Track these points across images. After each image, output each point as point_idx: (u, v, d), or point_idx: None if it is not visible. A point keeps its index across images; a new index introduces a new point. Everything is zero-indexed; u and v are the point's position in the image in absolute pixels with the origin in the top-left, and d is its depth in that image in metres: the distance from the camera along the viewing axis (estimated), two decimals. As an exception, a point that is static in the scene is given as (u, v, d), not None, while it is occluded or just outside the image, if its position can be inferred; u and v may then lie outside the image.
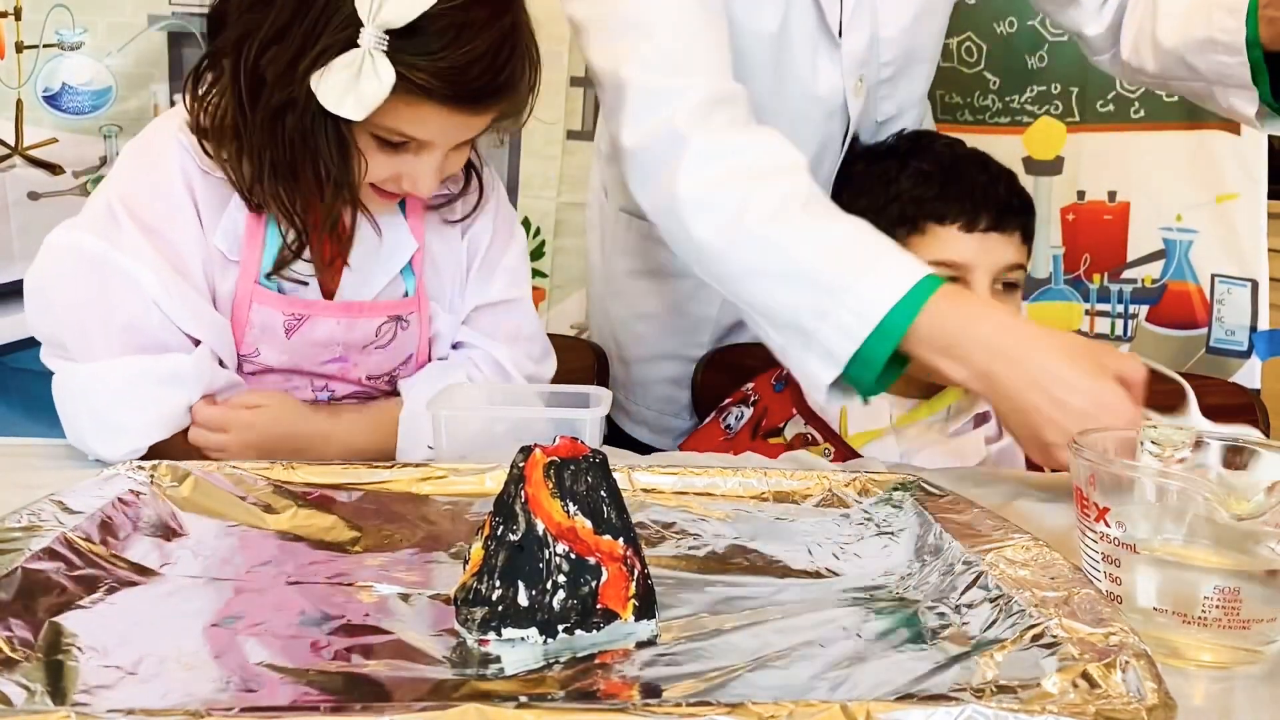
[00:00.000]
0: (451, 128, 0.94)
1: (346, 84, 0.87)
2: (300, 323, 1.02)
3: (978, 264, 1.12)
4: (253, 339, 1.01)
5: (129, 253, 0.95)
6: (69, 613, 0.59)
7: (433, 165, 0.96)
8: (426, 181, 0.97)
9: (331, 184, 0.94)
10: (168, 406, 0.96)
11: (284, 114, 0.91)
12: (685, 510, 0.80)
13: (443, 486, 0.82)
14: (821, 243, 0.94)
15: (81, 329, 0.96)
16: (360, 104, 0.87)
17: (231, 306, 1.00)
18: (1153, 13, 1.15)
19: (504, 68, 0.92)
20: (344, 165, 0.93)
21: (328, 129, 0.91)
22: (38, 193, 1.74)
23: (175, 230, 0.97)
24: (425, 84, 0.89)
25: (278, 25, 0.89)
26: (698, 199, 0.98)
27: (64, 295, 0.97)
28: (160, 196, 0.97)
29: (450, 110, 0.92)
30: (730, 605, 0.64)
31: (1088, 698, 0.47)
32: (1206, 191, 1.79)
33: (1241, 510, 0.59)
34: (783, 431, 1.19)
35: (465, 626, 0.60)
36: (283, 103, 0.90)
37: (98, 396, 0.95)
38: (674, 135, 0.99)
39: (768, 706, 0.45)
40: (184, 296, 0.96)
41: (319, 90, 0.88)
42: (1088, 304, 1.86)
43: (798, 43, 1.18)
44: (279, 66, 0.89)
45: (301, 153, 0.93)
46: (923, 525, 0.73)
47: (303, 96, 0.89)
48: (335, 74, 0.87)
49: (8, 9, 1.73)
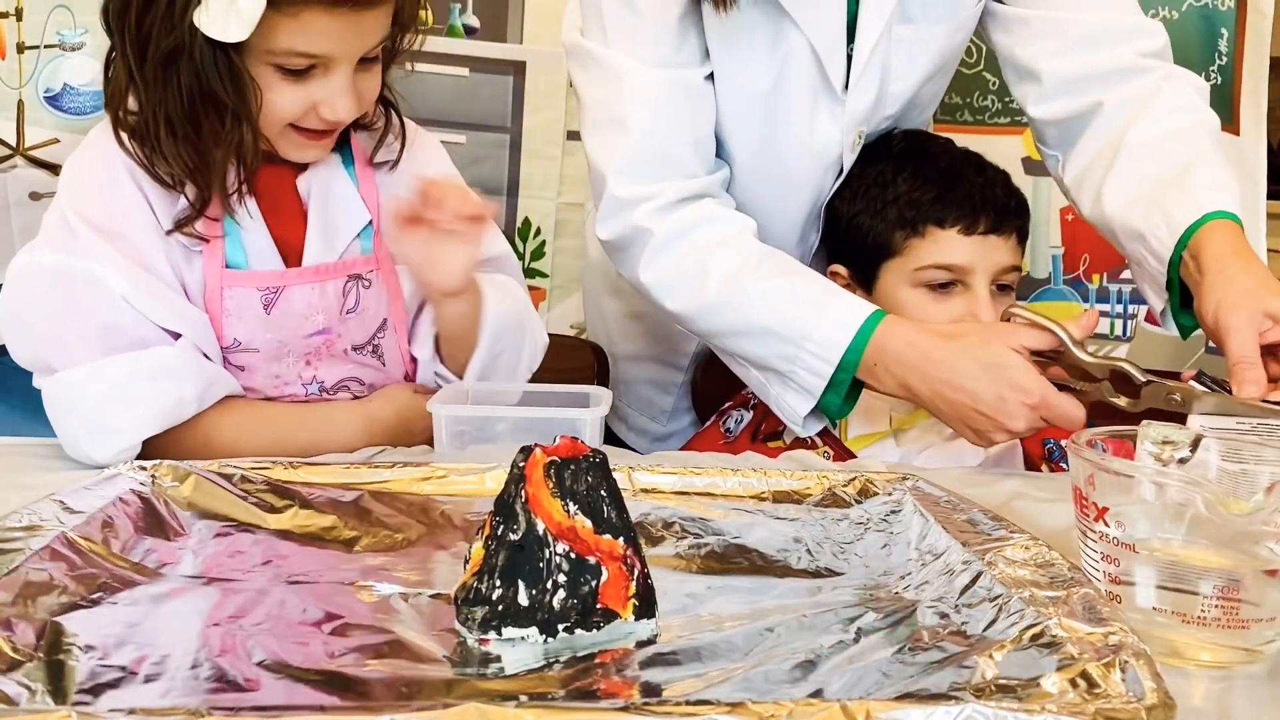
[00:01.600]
0: (344, 32, 0.94)
1: (225, 7, 0.88)
2: (277, 295, 1.02)
3: (976, 266, 1.12)
4: (232, 327, 1.01)
5: (89, 256, 0.95)
6: (69, 613, 0.59)
7: (343, 83, 0.96)
8: (344, 102, 0.97)
9: (230, 116, 0.94)
10: (158, 401, 0.95)
11: (174, 62, 0.92)
12: (685, 510, 0.80)
13: (443, 486, 0.82)
14: (778, 299, 1.06)
15: (60, 341, 0.96)
16: (242, 22, 0.88)
17: (204, 297, 1.01)
18: (1109, 164, 1.11)
19: None
20: (240, 95, 0.93)
21: (218, 64, 0.92)
22: (39, 193, 1.74)
23: (132, 229, 0.98)
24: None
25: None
26: (663, 282, 1.11)
27: (35, 313, 0.97)
28: (111, 199, 0.98)
29: (333, 12, 0.92)
30: (730, 605, 0.64)
31: (1087, 697, 0.47)
32: (1207, 191, 1.78)
33: (1241, 510, 0.59)
34: (782, 435, 1.19)
35: (465, 626, 0.60)
36: (170, 50, 0.91)
37: (85, 400, 0.95)
38: (638, 231, 1.11)
39: (768, 706, 0.45)
40: (154, 291, 0.97)
41: (202, 24, 0.89)
42: (1087, 304, 1.86)
43: (795, 99, 1.16)
44: (157, 17, 0.90)
45: (199, 98, 0.93)
46: (923, 525, 0.73)
47: (186, 36, 0.90)
48: (213, 4, 0.88)
49: (9, 9, 1.73)
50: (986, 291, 1.12)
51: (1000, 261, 1.13)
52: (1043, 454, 1.18)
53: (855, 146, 1.20)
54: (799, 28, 1.11)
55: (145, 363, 0.95)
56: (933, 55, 1.19)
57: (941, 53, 1.20)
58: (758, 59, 1.13)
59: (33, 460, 0.98)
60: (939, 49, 1.19)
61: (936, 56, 1.19)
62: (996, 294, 1.14)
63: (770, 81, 1.14)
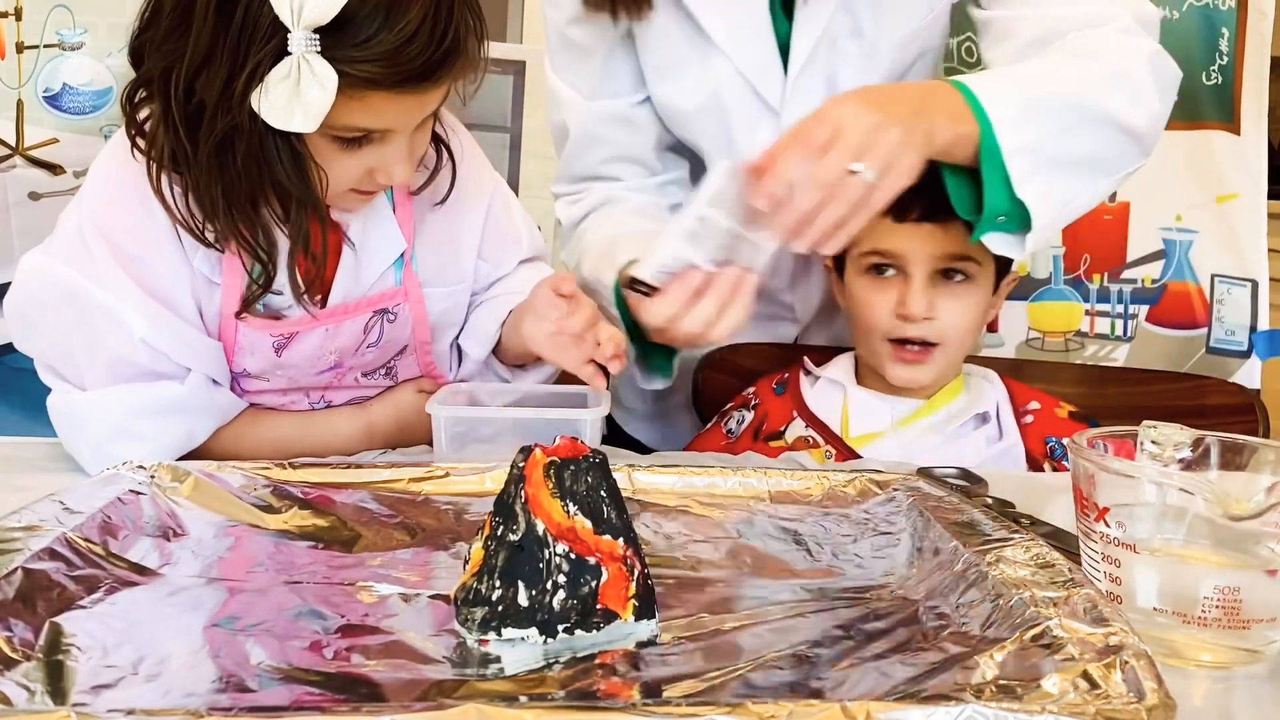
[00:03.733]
0: (408, 109, 0.89)
1: (289, 96, 0.81)
2: (289, 340, 1.00)
3: (910, 254, 1.12)
4: (244, 359, 1.00)
5: (109, 288, 0.92)
6: (69, 613, 0.59)
7: (401, 151, 0.91)
8: (401, 169, 0.92)
9: (295, 203, 0.89)
10: (166, 437, 0.95)
11: (231, 142, 0.85)
12: (685, 510, 0.80)
13: (443, 486, 0.82)
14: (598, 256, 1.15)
15: (70, 358, 0.95)
16: (308, 114, 0.82)
17: (219, 326, 0.98)
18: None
19: (445, 34, 0.86)
20: (304, 182, 0.88)
21: (279, 147, 0.86)
22: (38, 193, 1.74)
23: (156, 256, 0.94)
24: (369, 75, 0.83)
25: (200, 50, 0.83)
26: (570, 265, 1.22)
27: (47, 323, 0.95)
28: (138, 223, 0.93)
29: (401, 94, 0.86)
30: (730, 605, 0.64)
31: (1088, 698, 0.47)
32: (1206, 191, 1.79)
33: (1241, 510, 0.59)
34: (783, 435, 1.19)
35: (465, 626, 0.60)
36: (227, 131, 0.85)
37: (94, 428, 0.94)
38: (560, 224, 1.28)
39: (768, 706, 0.45)
40: (172, 327, 0.94)
41: (262, 110, 0.82)
42: (1088, 304, 1.86)
43: (734, 115, 1.20)
44: (213, 93, 0.83)
45: (258, 180, 0.88)
46: (923, 525, 0.73)
47: (245, 120, 0.83)
48: (274, 88, 0.81)
49: (8, 9, 1.73)
50: (924, 279, 1.12)
51: (941, 249, 1.12)
52: (1045, 452, 1.18)
53: None
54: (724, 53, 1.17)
55: (156, 397, 0.94)
56: (884, 70, 1.19)
57: (895, 66, 1.20)
58: (689, 84, 1.20)
59: (33, 460, 0.98)
60: (891, 62, 1.19)
61: (889, 70, 1.20)
62: (942, 280, 1.13)
63: (701, 100, 1.20)
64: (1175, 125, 1.79)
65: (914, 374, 1.17)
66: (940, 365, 1.16)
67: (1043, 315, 1.86)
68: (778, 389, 1.25)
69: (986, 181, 0.96)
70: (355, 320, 1.02)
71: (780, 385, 1.25)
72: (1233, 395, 1.36)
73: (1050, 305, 1.87)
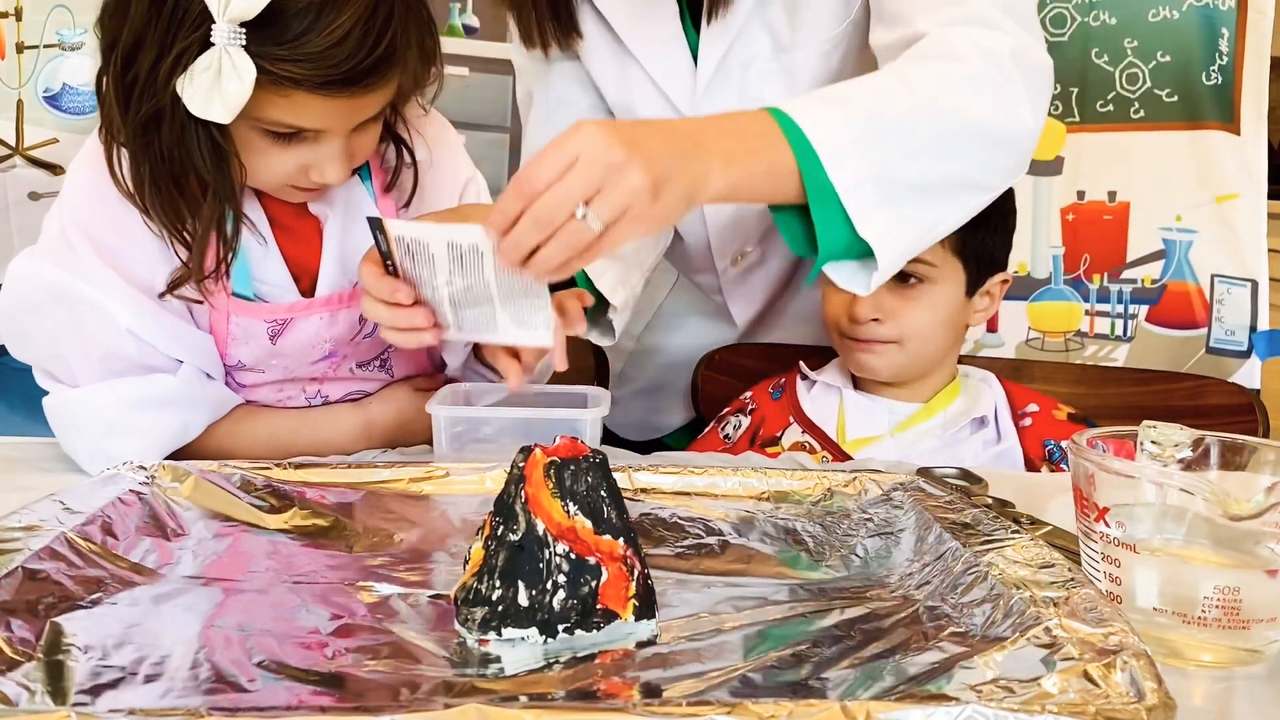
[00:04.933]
0: (338, 111, 0.87)
1: (210, 85, 0.81)
2: (284, 327, 1.00)
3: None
4: (237, 350, 0.99)
5: (94, 283, 0.92)
6: (69, 613, 0.59)
7: (335, 151, 0.90)
8: (334, 168, 0.90)
9: (210, 192, 0.89)
10: (160, 430, 0.95)
11: (157, 124, 0.85)
12: (685, 510, 0.80)
13: (443, 486, 0.82)
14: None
15: (62, 358, 0.95)
16: (226, 106, 0.81)
17: (210, 319, 0.98)
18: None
19: (379, 42, 0.84)
20: (220, 173, 0.87)
21: (199, 135, 0.85)
22: (38, 193, 1.74)
23: (138, 251, 0.94)
24: (290, 74, 0.82)
25: (135, 30, 0.83)
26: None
27: (37, 326, 0.95)
28: (117, 217, 0.93)
29: (327, 96, 0.85)
30: (730, 605, 0.64)
31: (1088, 698, 0.47)
32: (1206, 191, 1.79)
33: (1241, 510, 0.59)
34: (780, 440, 1.20)
35: (465, 626, 0.60)
36: (152, 112, 0.85)
37: (89, 424, 0.94)
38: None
39: (768, 706, 0.45)
40: (159, 319, 0.94)
41: (184, 95, 0.82)
42: (1088, 304, 1.86)
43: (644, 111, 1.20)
44: (142, 73, 0.84)
45: (181, 163, 0.87)
46: (923, 525, 0.73)
47: (169, 103, 0.83)
48: (197, 76, 0.81)
49: (8, 10, 1.73)
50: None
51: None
52: (1043, 455, 1.18)
53: None
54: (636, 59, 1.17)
55: (149, 391, 0.94)
56: (810, 83, 1.15)
57: (819, 78, 1.16)
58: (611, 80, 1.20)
59: (33, 460, 0.98)
60: (813, 75, 1.16)
61: (814, 83, 1.15)
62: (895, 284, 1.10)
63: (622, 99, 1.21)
64: (1175, 125, 1.79)
65: (872, 361, 1.17)
66: (900, 361, 1.17)
67: (1043, 315, 1.86)
68: (774, 394, 1.25)
69: (819, 220, 0.84)
70: (352, 311, 1.02)
71: (777, 390, 1.26)
72: (1233, 395, 1.36)
73: (1050, 305, 1.87)
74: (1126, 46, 1.78)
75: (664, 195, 0.74)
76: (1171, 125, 1.80)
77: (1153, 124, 1.81)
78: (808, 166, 0.82)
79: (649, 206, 0.74)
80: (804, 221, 0.86)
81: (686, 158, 0.77)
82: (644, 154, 0.74)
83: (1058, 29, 1.72)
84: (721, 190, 0.80)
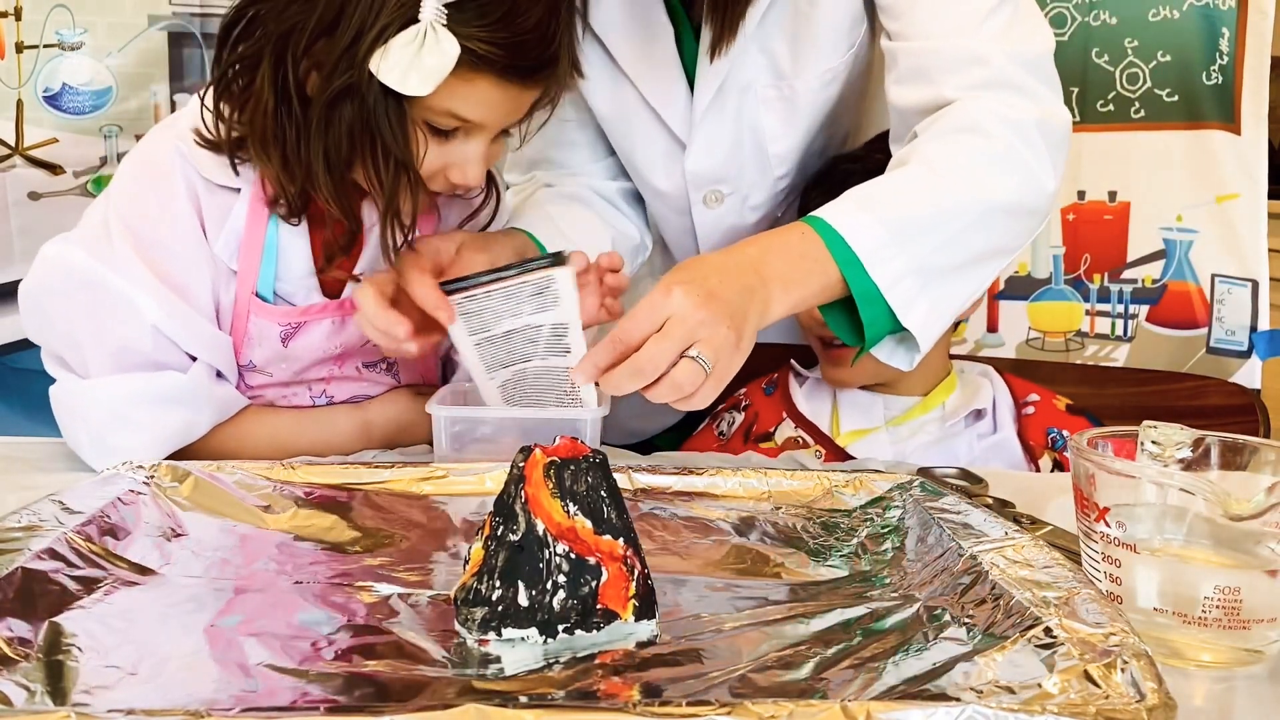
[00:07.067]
0: (503, 104, 0.92)
1: (409, 60, 0.85)
2: (296, 330, 1.01)
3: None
4: (251, 351, 1.01)
5: (125, 275, 0.94)
6: (69, 613, 0.59)
7: (480, 150, 0.94)
8: (475, 168, 0.94)
9: (393, 167, 0.91)
10: (164, 426, 0.95)
11: (341, 103, 0.88)
12: (685, 510, 0.80)
13: (443, 486, 0.82)
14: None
15: (76, 345, 0.96)
16: (425, 79, 0.85)
17: (232, 317, 0.99)
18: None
19: (554, 39, 0.90)
20: (407, 146, 0.90)
21: (389, 111, 0.88)
22: (38, 193, 1.74)
23: (181, 247, 0.96)
24: (486, 54, 0.86)
25: (329, 15, 0.87)
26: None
27: (58, 310, 0.96)
28: (165, 215, 0.96)
29: (505, 84, 0.90)
30: (730, 605, 0.64)
31: (1088, 698, 0.47)
32: (1206, 191, 1.78)
33: (1241, 510, 0.59)
34: (773, 436, 1.20)
35: (465, 626, 0.60)
36: (341, 90, 0.88)
37: (94, 415, 0.95)
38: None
39: (768, 706, 0.45)
40: (185, 316, 0.96)
41: (381, 70, 0.85)
42: (1088, 304, 1.86)
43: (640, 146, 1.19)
44: (334, 54, 0.87)
45: (361, 141, 0.90)
46: (923, 525, 0.73)
47: (363, 81, 0.87)
48: (396, 52, 0.85)
49: (8, 9, 1.73)
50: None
51: None
52: (1046, 443, 1.18)
53: (711, 204, 1.21)
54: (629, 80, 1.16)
55: (157, 387, 0.95)
56: (809, 112, 1.16)
57: (819, 107, 1.16)
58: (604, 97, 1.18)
59: (33, 460, 0.98)
60: (812, 103, 1.16)
61: (814, 112, 1.16)
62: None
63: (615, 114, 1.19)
64: (1175, 125, 1.79)
65: (840, 374, 1.18)
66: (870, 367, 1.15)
67: (1043, 315, 1.86)
68: (768, 390, 1.26)
69: (866, 318, 0.88)
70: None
71: (770, 386, 1.26)
72: (1233, 395, 1.36)
73: (1050, 305, 1.87)
74: (1127, 46, 1.78)
75: (744, 338, 0.80)
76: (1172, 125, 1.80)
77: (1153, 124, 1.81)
78: (851, 273, 0.87)
79: (734, 354, 0.79)
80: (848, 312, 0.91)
81: (753, 292, 0.82)
82: (724, 305, 0.79)
83: (1058, 29, 1.71)
84: (783, 312, 0.86)
